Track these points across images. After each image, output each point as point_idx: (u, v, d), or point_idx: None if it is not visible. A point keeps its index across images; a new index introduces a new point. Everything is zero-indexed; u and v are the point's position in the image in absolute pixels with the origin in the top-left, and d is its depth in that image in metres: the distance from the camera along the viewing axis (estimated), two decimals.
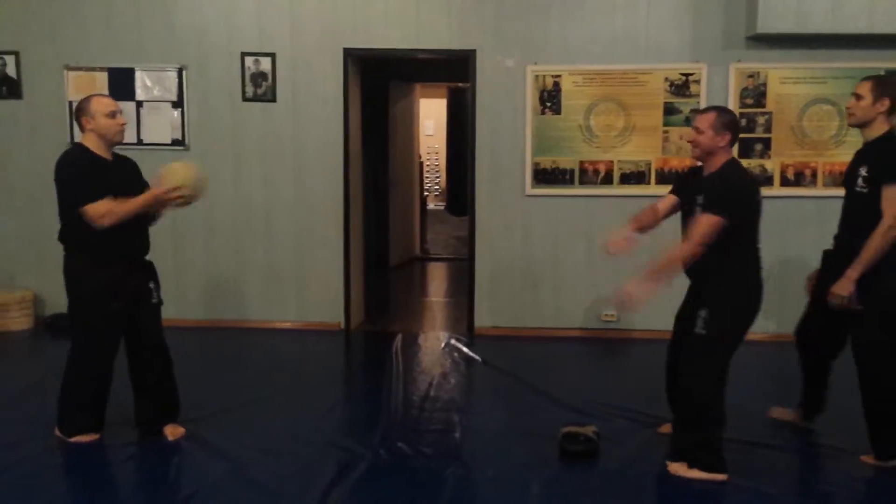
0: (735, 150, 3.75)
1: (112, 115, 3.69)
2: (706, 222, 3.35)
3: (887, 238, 3.43)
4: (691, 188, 3.60)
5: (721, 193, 3.38)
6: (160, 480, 3.55)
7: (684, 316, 3.68)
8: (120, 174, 3.75)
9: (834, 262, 3.68)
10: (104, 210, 3.56)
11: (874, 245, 3.44)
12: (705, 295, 3.50)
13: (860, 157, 3.65)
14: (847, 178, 3.70)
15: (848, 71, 5.69)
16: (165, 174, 3.64)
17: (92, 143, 3.69)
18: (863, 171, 3.54)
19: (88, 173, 3.62)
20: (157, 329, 3.91)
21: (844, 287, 3.50)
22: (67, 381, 3.83)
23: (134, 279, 3.80)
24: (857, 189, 3.56)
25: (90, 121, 3.66)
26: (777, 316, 5.93)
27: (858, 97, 3.57)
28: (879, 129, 3.56)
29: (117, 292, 3.71)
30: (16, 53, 6.04)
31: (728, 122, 3.47)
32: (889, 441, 3.59)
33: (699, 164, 3.64)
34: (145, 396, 3.94)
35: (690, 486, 3.44)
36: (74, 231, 3.69)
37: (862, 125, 3.61)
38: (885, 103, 3.51)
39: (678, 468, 3.52)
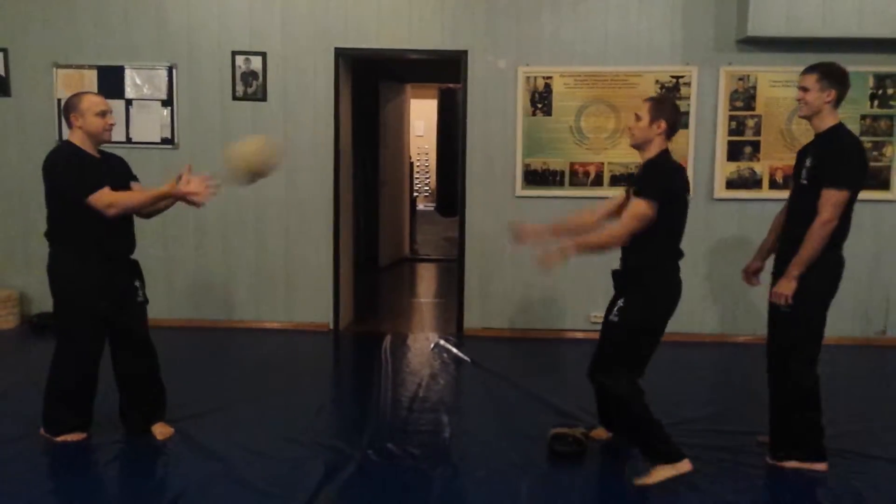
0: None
1: (102, 114, 3.66)
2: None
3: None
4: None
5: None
6: (147, 480, 3.53)
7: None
8: (108, 171, 3.72)
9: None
10: (109, 200, 3.55)
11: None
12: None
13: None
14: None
15: None
16: (233, 155, 3.62)
17: (79, 140, 3.67)
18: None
19: (79, 163, 3.60)
20: (142, 328, 3.89)
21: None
22: (53, 380, 3.80)
23: (119, 278, 3.78)
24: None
25: (79, 118, 3.64)
26: (766, 316, 5.95)
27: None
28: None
29: (103, 291, 3.69)
30: (4, 50, 6.00)
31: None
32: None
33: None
34: (131, 395, 3.91)
35: (677, 489, 3.44)
36: (61, 228, 3.67)
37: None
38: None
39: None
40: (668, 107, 3.57)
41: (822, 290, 3.52)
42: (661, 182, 3.48)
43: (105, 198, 3.55)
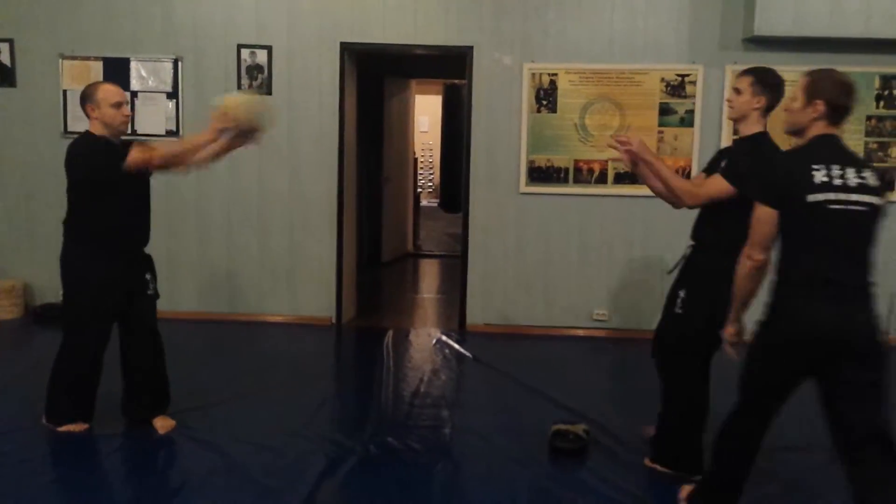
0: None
1: (117, 105, 3.65)
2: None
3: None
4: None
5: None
6: (149, 472, 3.55)
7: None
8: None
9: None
10: (149, 153, 3.55)
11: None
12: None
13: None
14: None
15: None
16: (220, 106, 3.59)
17: (98, 131, 3.66)
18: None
19: (107, 148, 3.60)
20: (151, 321, 3.90)
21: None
22: (57, 370, 3.81)
23: (132, 271, 3.79)
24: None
25: (95, 109, 3.63)
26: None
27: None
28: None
29: (114, 286, 3.70)
30: (10, 41, 6.01)
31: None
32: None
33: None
34: (136, 387, 3.92)
35: (676, 485, 3.44)
36: (80, 220, 3.68)
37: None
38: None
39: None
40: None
41: (716, 295, 3.24)
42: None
43: (143, 152, 3.54)
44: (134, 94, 5.99)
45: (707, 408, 3.51)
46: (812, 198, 2.68)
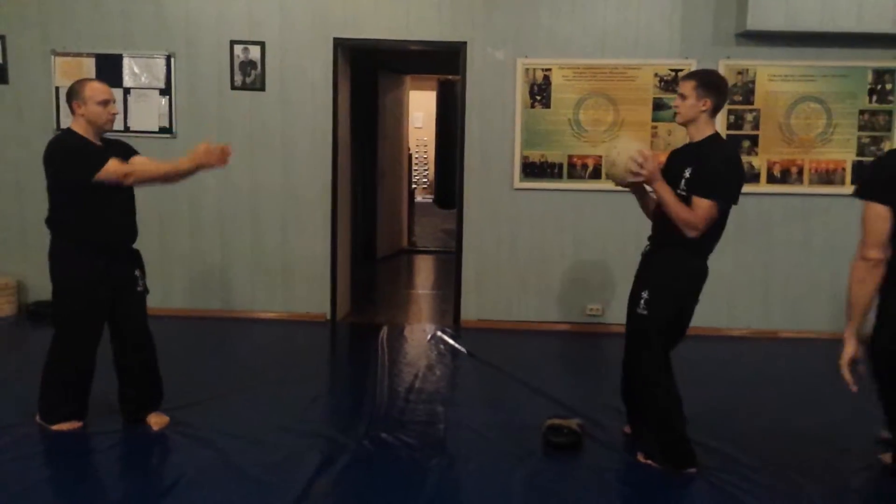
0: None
1: (104, 103, 3.64)
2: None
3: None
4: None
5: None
6: (143, 468, 3.54)
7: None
8: (110, 156, 3.70)
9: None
10: (124, 169, 3.57)
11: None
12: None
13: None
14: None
15: (836, 69, 5.72)
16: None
17: (81, 129, 3.65)
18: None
19: (84, 152, 3.60)
20: (141, 317, 3.89)
21: None
22: (49, 368, 3.81)
23: (120, 267, 3.78)
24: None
25: (81, 106, 3.62)
26: (763, 310, 5.98)
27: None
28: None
29: (102, 281, 3.69)
30: (2, 38, 5.99)
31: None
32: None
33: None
34: (129, 384, 3.92)
35: (671, 478, 3.45)
36: (62, 217, 3.67)
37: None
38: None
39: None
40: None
41: (678, 293, 3.50)
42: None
43: (119, 167, 3.55)
44: (127, 91, 5.98)
45: (680, 397, 3.54)
46: None
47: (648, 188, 3.56)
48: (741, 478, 3.48)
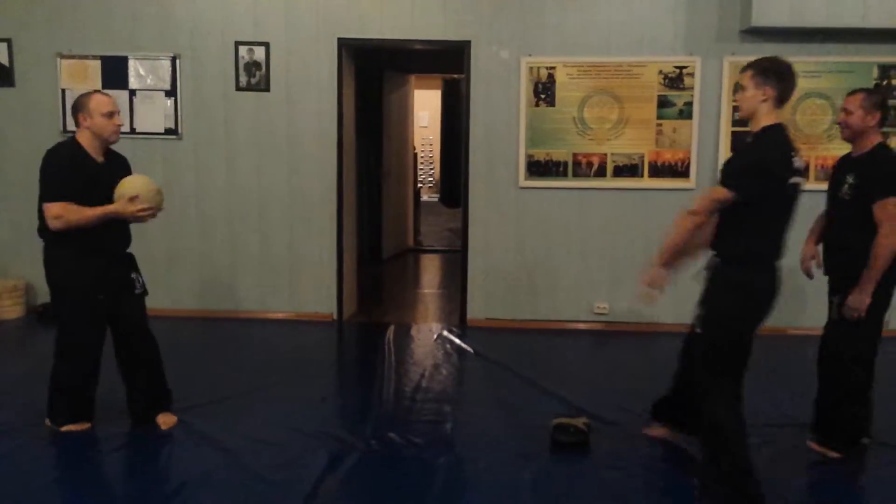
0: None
1: (109, 115, 3.66)
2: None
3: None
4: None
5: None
6: (151, 469, 3.55)
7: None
8: (107, 174, 3.70)
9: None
10: (57, 212, 3.56)
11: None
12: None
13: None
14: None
15: (842, 65, 5.70)
16: (120, 187, 3.62)
17: (86, 141, 3.67)
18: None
19: (67, 170, 3.60)
20: (141, 319, 3.90)
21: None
22: (55, 372, 3.82)
23: (115, 271, 3.78)
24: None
25: (87, 118, 3.64)
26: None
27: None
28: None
29: (99, 283, 3.70)
30: (8, 41, 6.01)
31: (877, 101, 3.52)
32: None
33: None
34: (135, 386, 3.93)
35: (679, 479, 3.45)
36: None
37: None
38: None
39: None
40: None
41: (736, 313, 3.15)
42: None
43: (56, 209, 3.56)
44: (132, 93, 6.00)
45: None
46: None
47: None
48: None
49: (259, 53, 5.94)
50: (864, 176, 3.51)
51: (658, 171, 5.83)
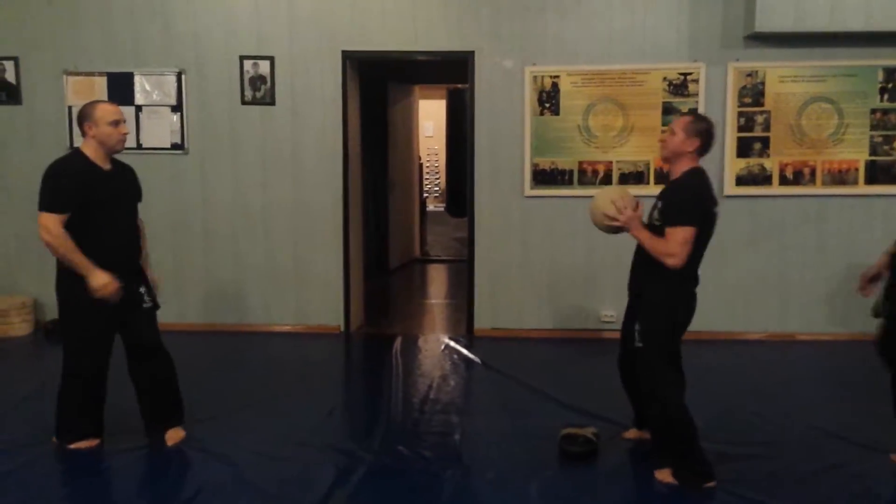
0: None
1: (115, 123, 3.67)
2: (675, 235, 3.44)
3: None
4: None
5: (678, 203, 3.48)
6: (159, 485, 3.55)
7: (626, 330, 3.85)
8: (113, 184, 3.72)
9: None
10: (48, 224, 3.58)
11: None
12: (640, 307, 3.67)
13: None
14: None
15: (846, 69, 5.69)
16: (596, 202, 3.88)
17: (91, 151, 3.68)
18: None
19: (70, 182, 3.60)
20: (152, 333, 3.89)
21: None
22: (63, 390, 3.82)
23: (124, 286, 3.78)
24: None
25: (92, 127, 3.65)
26: (779, 313, 5.94)
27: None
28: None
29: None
30: (15, 59, 6.05)
31: (701, 129, 3.51)
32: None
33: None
34: (146, 399, 3.93)
35: (687, 490, 3.43)
36: None
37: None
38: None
39: (664, 475, 3.51)
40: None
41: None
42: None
43: (48, 221, 3.58)
44: (138, 108, 6.03)
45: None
46: None
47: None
48: (760, 489, 3.45)
49: (264, 67, 5.96)
50: (667, 201, 3.56)
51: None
